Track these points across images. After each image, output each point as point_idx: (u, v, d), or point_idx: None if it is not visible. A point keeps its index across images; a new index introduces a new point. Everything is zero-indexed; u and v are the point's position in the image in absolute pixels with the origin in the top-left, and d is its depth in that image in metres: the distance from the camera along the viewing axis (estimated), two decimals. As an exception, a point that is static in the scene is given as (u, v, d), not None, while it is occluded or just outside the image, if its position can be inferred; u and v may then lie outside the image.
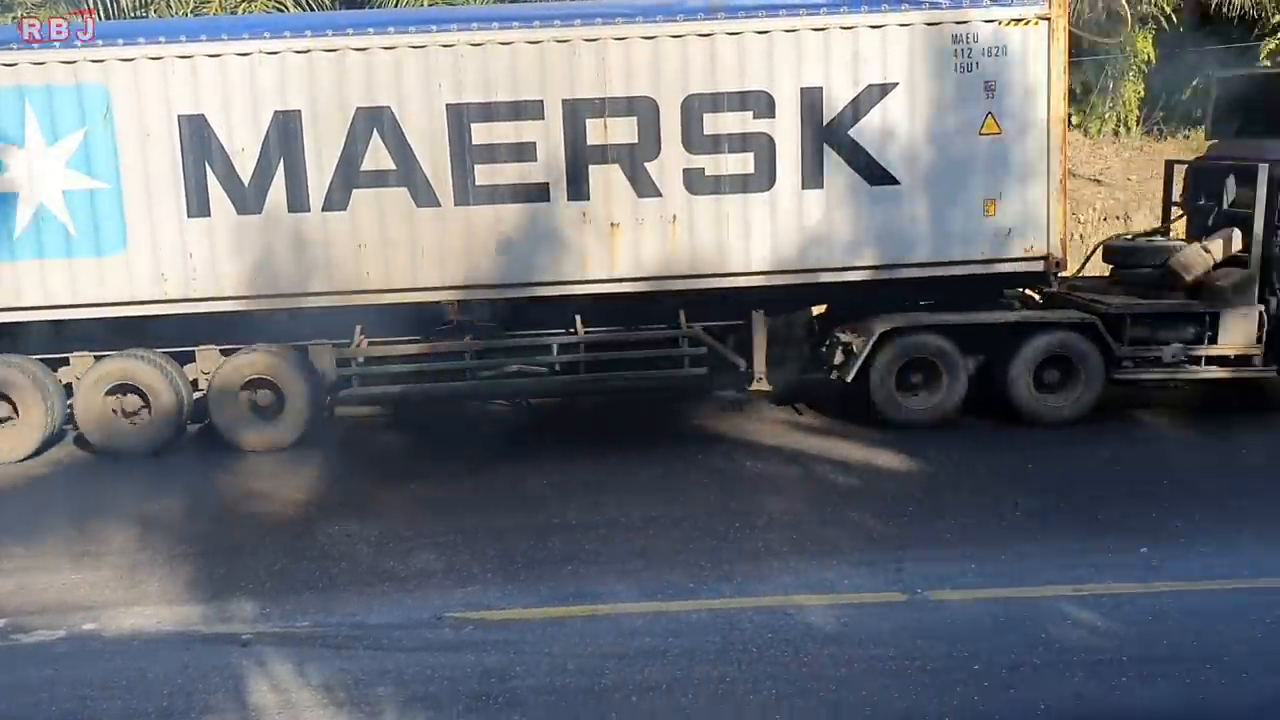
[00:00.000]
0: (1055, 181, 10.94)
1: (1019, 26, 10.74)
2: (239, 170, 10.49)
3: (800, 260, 10.92)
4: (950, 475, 9.74)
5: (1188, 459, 10.18)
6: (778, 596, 7.20)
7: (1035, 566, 7.59)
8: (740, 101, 10.65)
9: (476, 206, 10.67)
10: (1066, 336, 11.05)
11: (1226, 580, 7.30)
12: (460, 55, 10.45)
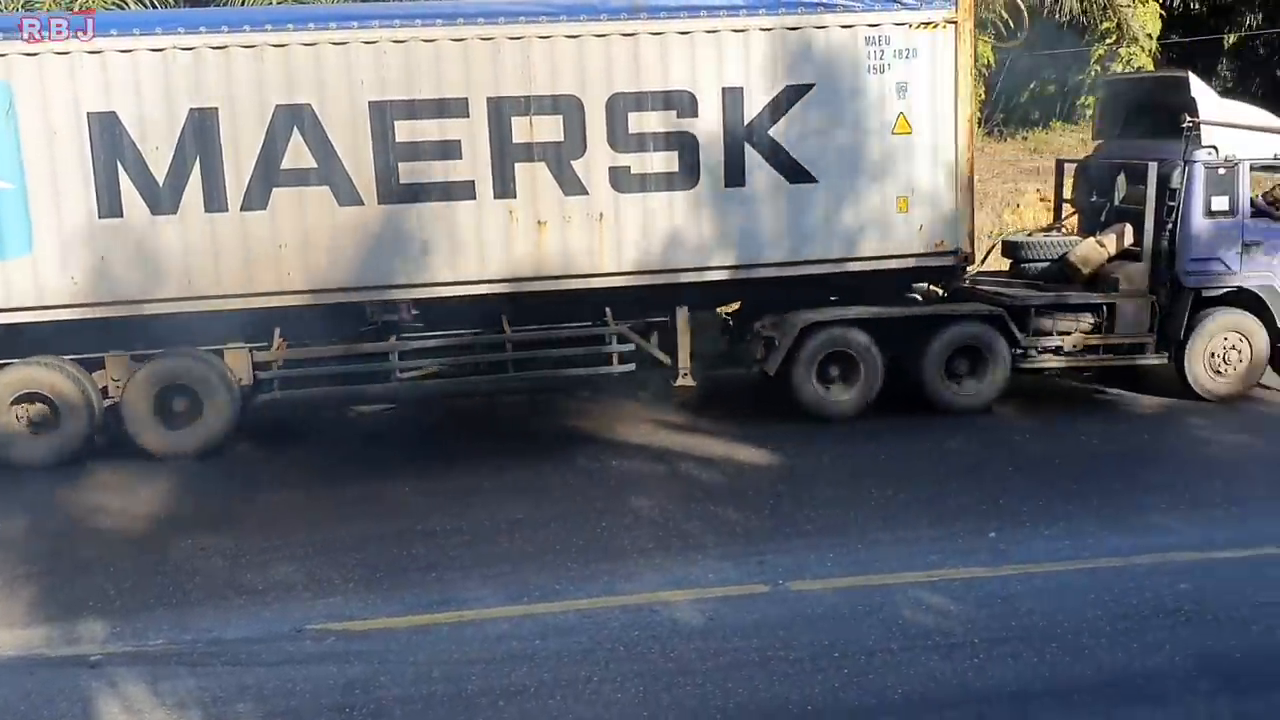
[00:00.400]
0: (963, 179, 11.38)
1: (928, 30, 11.05)
2: (153, 169, 10.14)
3: (724, 257, 11.12)
4: (811, 468, 9.94)
5: (1034, 447, 10.61)
6: (644, 594, 7.22)
7: (889, 554, 7.80)
8: (664, 101, 10.77)
9: (401, 205, 10.53)
10: (976, 328, 11.47)
11: (1070, 561, 7.61)
12: (383, 52, 10.30)
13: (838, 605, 7.02)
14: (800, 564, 7.66)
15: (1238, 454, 10.54)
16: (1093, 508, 8.73)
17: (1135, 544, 7.90)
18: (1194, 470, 9.90)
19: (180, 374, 10.50)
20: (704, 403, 11.69)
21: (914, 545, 7.99)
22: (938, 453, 10.35)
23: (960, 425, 11.15)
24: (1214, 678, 6.10)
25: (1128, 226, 11.89)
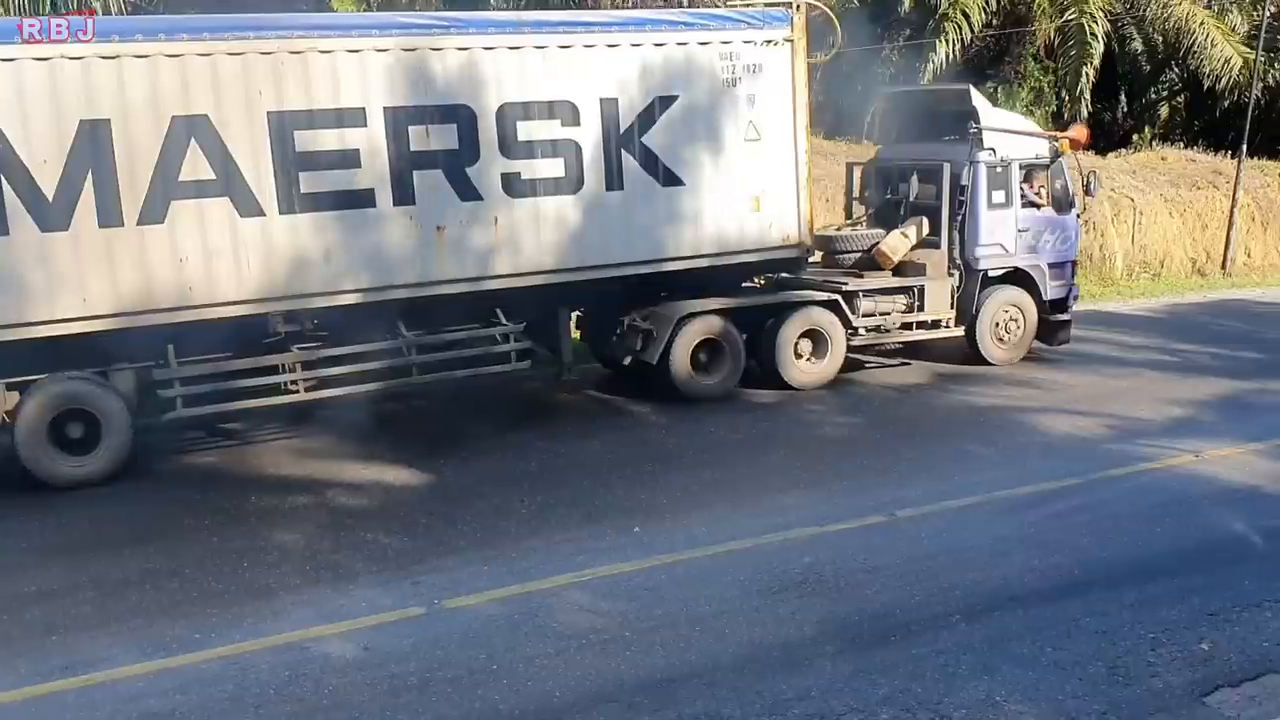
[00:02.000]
0: (803, 180, 12.66)
1: (771, 47, 12.31)
2: (41, 184, 9.59)
3: (606, 256, 11.80)
4: (461, 482, 9.93)
5: (670, 441, 11.20)
6: (294, 633, 6.92)
7: (542, 560, 7.95)
8: (549, 110, 11.39)
9: (302, 214, 10.46)
10: (818, 313, 12.88)
11: (708, 547, 8.12)
12: (281, 63, 10.27)
13: (494, 618, 7.06)
14: (455, 581, 7.64)
15: (846, 433, 11.62)
16: (725, 494, 9.34)
17: (764, 524, 8.50)
18: (811, 451, 10.81)
19: (80, 398, 10.02)
20: (340, 429, 11.31)
21: (565, 548, 8.18)
22: (582, 455, 10.65)
23: (602, 428, 11.58)
24: (838, 641, 6.69)
25: (924, 219, 13.67)
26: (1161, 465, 9.97)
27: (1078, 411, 11.96)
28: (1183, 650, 6.50)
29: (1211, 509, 8.91)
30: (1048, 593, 7.32)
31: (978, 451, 10.64)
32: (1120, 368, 14.11)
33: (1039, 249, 14.01)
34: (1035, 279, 14.03)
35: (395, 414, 11.90)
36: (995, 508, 8.99)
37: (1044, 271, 14.06)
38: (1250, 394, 12.69)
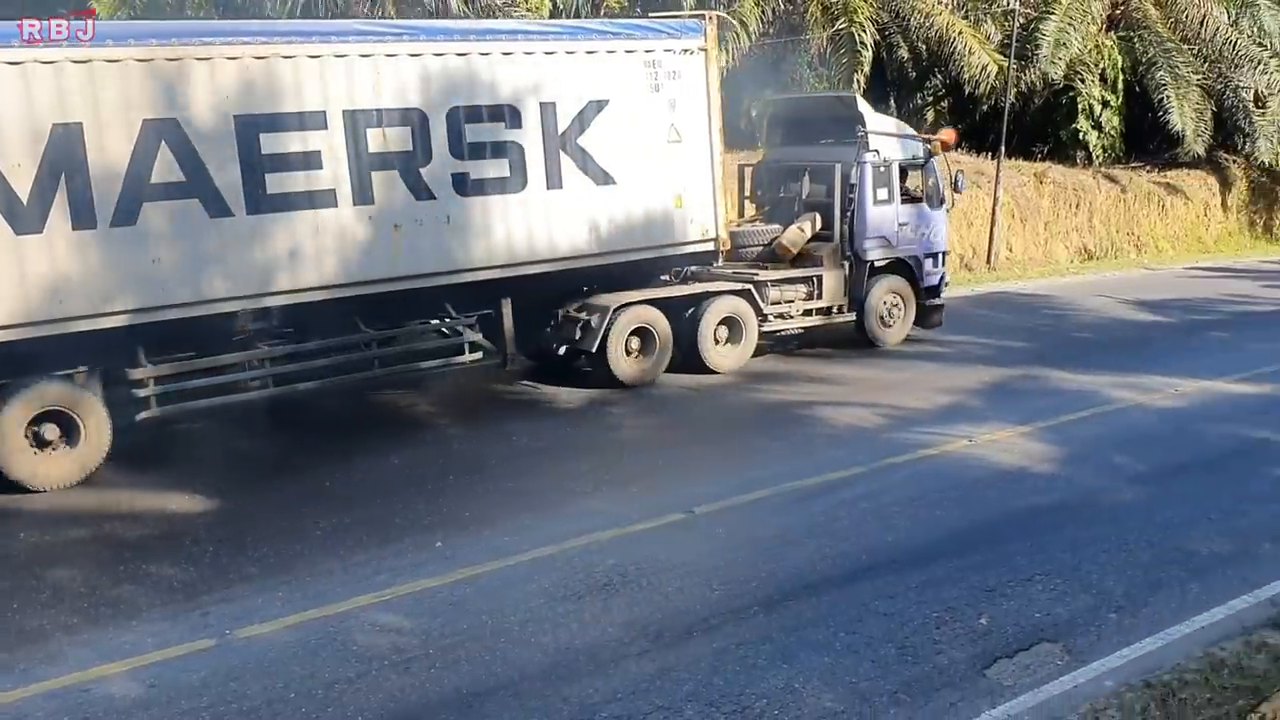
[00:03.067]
0: (718, 179, 13.73)
1: (688, 56, 13.26)
2: (15, 187, 9.62)
3: (548, 251, 12.46)
4: (249, 505, 9.52)
5: (470, 450, 11.08)
6: (72, 675, 6.50)
7: (340, 582, 7.72)
8: (493, 114, 12.01)
9: (269, 214, 10.74)
10: (734, 301, 13.86)
11: (513, 556, 8.06)
12: (246, 68, 10.56)
13: (291, 645, 6.81)
14: (247, 610, 7.32)
15: (645, 435, 11.79)
16: (527, 502, 9.30)
17: (567, 529, 8.52)
18: (611, 454, 10.89)
19: (58, 399, 10.08)
20: (121, 456, 10.70)
21: (363, 568, 7.97)
22: (381, 472, 10.41)
23: (400, 443, 11.32)
24: (643, 640, 6.78)
25: (816, 215, 14.83)
26: (938, 451, 10.53)
27: (861, 403, 12.50)
28: (964, 627, 6.88)
29: (985, 490, 9.48)
30: (839, 579, 7.63)
31: (769, 446, 10.98)
32: (899, 360, 14.85)
33: (916, 241, 15.40)
34: (914, 268, 15.44)
35: (183, 436, 11.32)
36: (787, 499, 9.30)
37: (920, 261, 15.47)
38: (1016, 380, 13.57)
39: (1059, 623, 6.96)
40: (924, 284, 15.60)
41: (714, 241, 13.92)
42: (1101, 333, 16.99)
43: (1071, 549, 8.08)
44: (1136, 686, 6.18)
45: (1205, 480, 9.68)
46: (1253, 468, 10.00)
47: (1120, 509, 8.97)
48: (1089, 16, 24.78)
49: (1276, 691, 5.86)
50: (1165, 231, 27.57)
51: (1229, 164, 29.25)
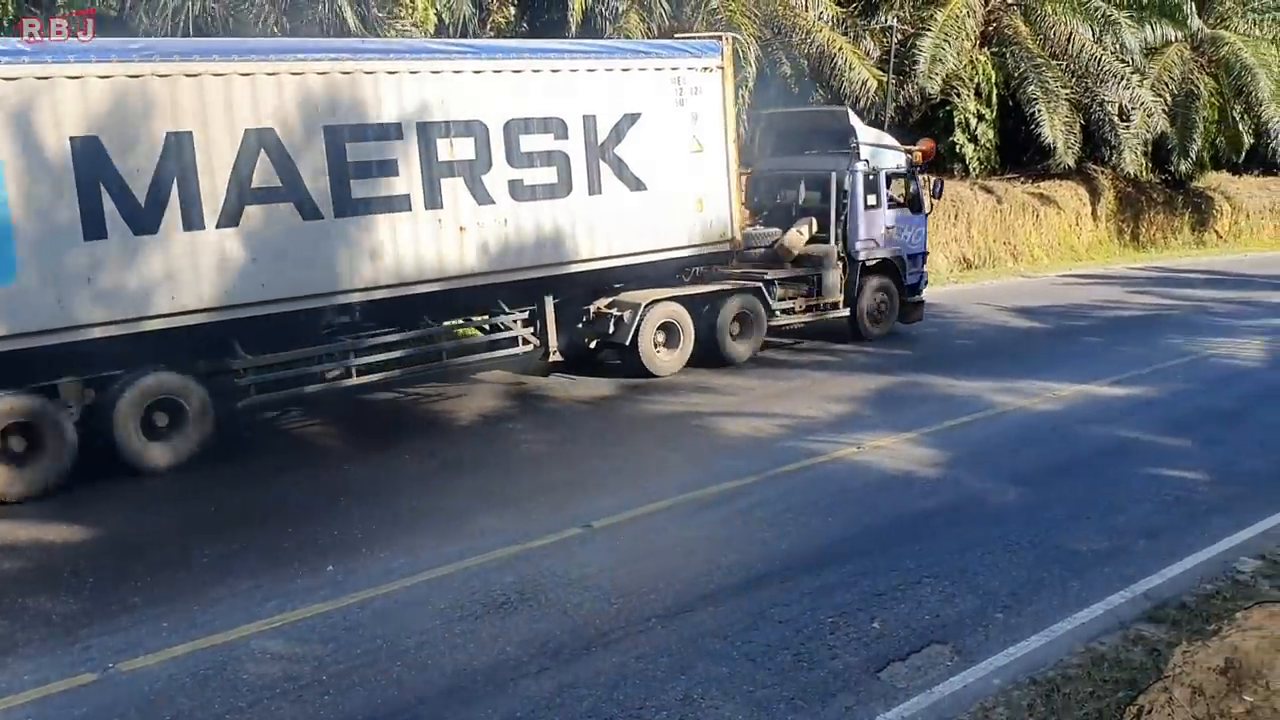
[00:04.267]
0: (733, 185, 15.05)
1: (707, 73, 14.61)
2: (135, 190, 10.36)
3: (590, 251, 13.64)
4: (130, 533, 9.28)
5: (360, 473, 10.92)
6: (-65, 719, 6.25)
7: (229, 610, 7.52)
8: (544, 126, 13.15)
9: (354, 217, 11.68)
10: (748, 298, 15.14)
11: (406, 578, 7.95)
12: (334, 82, 11.52)
13: (178, 676, 6.60)
14: (131, 641, 7.07)
15: (541, 450, 11.72)
16: (422, 523, 9.19)
17: (463, 549, 8.45)
18: (507, 471, 10.81)
19: (169, 388, 10.82)
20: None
21: (252, 595, 7.77)
22: (269, 496, 10.19)
23: (290, 465, 11.12)
24: (542, 658, 6.75)
25: (813, 219, 16.14)
26: (829, 458, 10.72)
27: (754, 413, 12.67)
28: (858, 631, 7.02)
29: (874, 496, 9.68)
30: (735, 588, 7.71)
31: (665, 457, 11.05)
32: (790, 370, 15.10)
33: (900, 243, 16.84)
34: (899, 268, 16.89)
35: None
36: (684, 510, 9.37)
37: (904, 261, 16.94)
38: (902, 387, 13.91)
39: (948, 624, 7.14)
40: (907, 282, 17.12)
41: (730, 243, 15.20)
42: (982, 339, 17.52)
43: (958, 551, 8.30)
44: (1023, 684, 6.38)
45: (1082, 481, 10.04)
46: (1126, 467, 10.40)
47: (1004, 510, 9.25)
48: (963, 33, 25.54)
49: (1153, 683, 6.10)
50: (1040, 240, 28.55)
51: (1097, 175, 30.48)
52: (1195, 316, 19.51)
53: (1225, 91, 30.46)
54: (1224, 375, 14.57)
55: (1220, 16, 31.15)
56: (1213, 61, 30.35)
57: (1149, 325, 18.67)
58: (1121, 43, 26.83)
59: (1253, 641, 5.53)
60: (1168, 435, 11.48)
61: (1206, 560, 8.14)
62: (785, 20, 23.16)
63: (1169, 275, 25.46)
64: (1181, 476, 10.06)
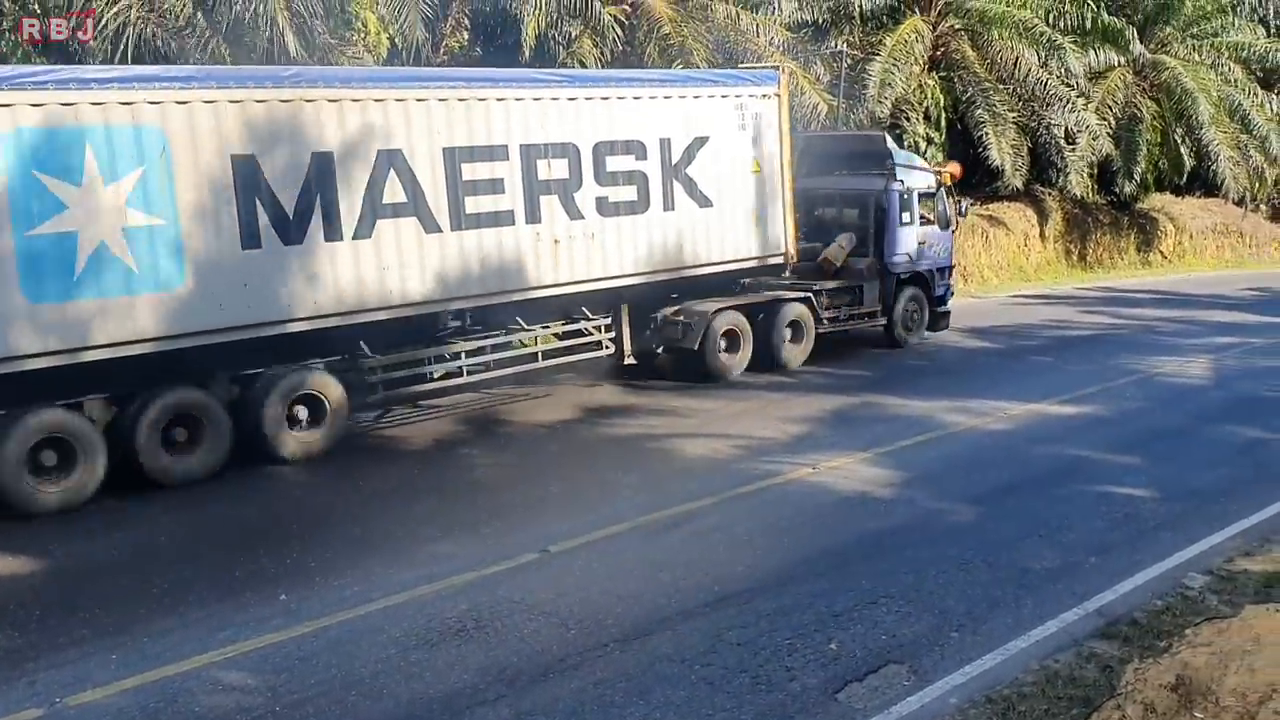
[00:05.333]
0: (788, 203, 16.29)
1: (766, 100, 15.96)
2: (285, 205, 11.45)
3: (664, 263, 14.98)
4: (77, 563, 9.12)
5: (317, 499, 10.82)
6: None
7: (180, 640, 7.40)
8: (627, 148, 14.45)
9: (471, 231, 12.89)
10: (800, 308, 16.34)
11: (360, 606, 7.85)
12: (452, 108, 12.73)
13: (127, 709, 6.47)
14: (79, 675, 6.91)
15: (496, 474, 11.66)
16: (378, 549, 9.09)
17: (418, 576, 8.37)
18: (462, 495, 10.76)
19: (311, 384, 11.94)
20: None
21: (204, 624, 7.65)
22: (220, 523, 10.07)
23: (241, 490, 11.00)
24: (499, 685, 6.70)
25: (851, 235, 17.41)
26: (785, 480, 10.77)
27: (711, 434, 12.70)
28: (815, 652, 7.03)
29: (830, 516, 9.74)
30: (693, 611, 7.70)
31: (622, 480, 11.03)
32: (744, 390, 15.16)
33: (930, 257, 18.10)
34: (929, 280, 18.15)
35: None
36: (641, 533, 9.36)
37: (933, 274, 18.22)
38: (856, 408, 14.02)
39: (904, 643, 7.18)
40: (935, 294, 18.41)
41: (784, 256, 16.40)
42: (934, 360, 17.69)
43: (914, 570, 8.35)
44: (979, 702, 6.42)
45: (1034, 499, 10.15)
46: (1077, 485, 10.53)
47: (958, 529, 9.33)
48: (912, 57, 25.90)
49: (1106, 700, 6.17)
50: (989, 261, 28.92)
51: (1045, 196, 30.96)
52: (1142, 336, 19.86)
53: (1167, 115, 31.10)
54: (1171, 393, 14.83)
55: (1161, 42, 31.83)
56: (1154, 85, 31.02)
57: (1097, 344, 18.96)
58: (1066, 67, 27.30)
59: (1202, 657, 5.61)
60: (1117, 453, 11.65)
61: (1157, 576, 8.26)
62: (737, 45, 23.38)
63: (1116, 295, 25.90)
64: (1131, 494, 10.20)
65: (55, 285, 10.16)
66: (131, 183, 10.51)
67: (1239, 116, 31.38)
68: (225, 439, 11.33)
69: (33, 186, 9.99)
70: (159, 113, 10.63)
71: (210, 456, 11.23)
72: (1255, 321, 21.38)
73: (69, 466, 10.40)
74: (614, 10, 22.47)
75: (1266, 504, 9.89)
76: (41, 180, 10.04)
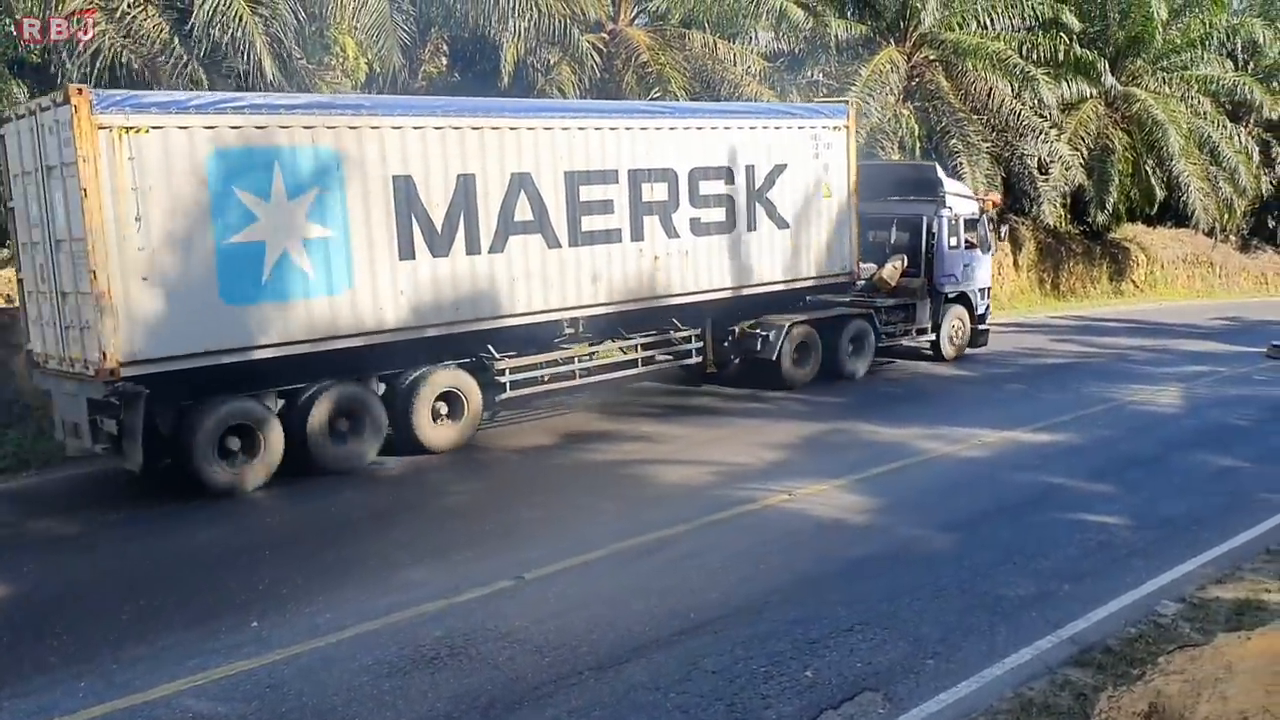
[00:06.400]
0: (854, 226, 17.76)
1: (837, 131, 17.43)
2: (435, 221, 12.86)
3: (747, 279, 16.45)
4: (47, 588, 8.99)
5: (285, 523, 10.77)
6: None
7: (149, 668, 7.30)
8: (717, 173, 15.91)
9: (585, 247, 14.33)
10: (863, 323, 17.86)
11: (333, 634, 7.78)
12: (572, 136, 14.21)
13: (91, 739, 6.40)
14: (45, 704, 6.82)
15: (471, 500, 11.64)
16: (351, 575, 9.02)
17: (391, 602, 8.30)
18: (436, 521, 10.71)
19: (452, 382, 13.43)
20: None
21: (175, 652, 7.55)
22: (191, 548, 9.96)
23: (213, 515, 10.90)
24: (473, 714, 6.64)
25: (904, 256, 18.74)
26: (761, 506, 10.77)
27: (686, 461, 12.70)
28: (791, 680, 7.01)
29: (805, 543, 9.73)
30: (668, 638, 7.66)
31: (597, 506, 10.99)
32: (718, 417, 15.18)
33: (973, 278, 19.66)
34: (971, 299, 19.77)
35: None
36: (617, 560, 9.32)
37: (975, 294, 19.79)
38: (831, 434, 14.05)
39: (880, 671, 7.17)
40: (977, 312, 19.95)
41: (849, 275, 17.85)
42: (909, 387, 17.78)
43: (889, 598, 8.36)
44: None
45: (1009, 526, 10.19)
46: (1051, 513, 10.59)
47: (933, 556, 9.34)
48: (887, 87, 26.16)
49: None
50: (964, 289, 29.12)
51: (1019, 226, 31.25)
52: (1115, 364, 20.04)
53: (1138, 146, 31.54)
54: (1143, 421, 14.94)
55: (1132, 74, 32.31)
56: (1126, 117, 31.46)
57: (1071, 372, 19.11)
58: (1039, 98, 27.66)
59: (1175, 685, 5.62)
60: (1090, 481, 11.72)
61: (1130, 604, 8.29)
62: (714, 74, 23.55)
63: (1089, 324, 26.13)
64: (1104, 521, 10.25)
65: (246, 288, 11.42)
66: (310, 198, 11.83)
67: (1208, 148, 31.88)
68: (380, 430, 12.74)
69: (231, 200, 11.27)
70: (334, 136, 11.99)
71: (367, 445, 12.60)
72: (1225, 351, 21.61)
73: (252, 452, 11.68)
74: (593, 38, 22.62)
75: (1237, 531, 9.98)
76: (238, 195, 11.31)
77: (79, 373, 11.08)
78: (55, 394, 11.90)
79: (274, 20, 15.92)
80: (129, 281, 10.70)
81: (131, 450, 11.04)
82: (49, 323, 11.52)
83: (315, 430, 12.11)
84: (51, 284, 11.30)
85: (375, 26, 17.73)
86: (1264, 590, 8.48)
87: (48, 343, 11.64)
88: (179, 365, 11.06)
